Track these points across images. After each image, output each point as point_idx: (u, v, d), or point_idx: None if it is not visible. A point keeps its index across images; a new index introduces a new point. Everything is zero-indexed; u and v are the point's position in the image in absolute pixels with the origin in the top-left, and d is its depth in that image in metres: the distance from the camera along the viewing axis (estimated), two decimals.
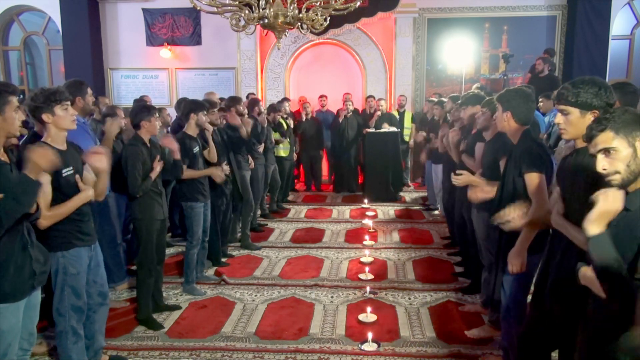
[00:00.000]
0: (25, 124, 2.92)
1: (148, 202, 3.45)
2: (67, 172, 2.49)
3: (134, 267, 4.60)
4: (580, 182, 1.97)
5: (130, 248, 4.45)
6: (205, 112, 4.15)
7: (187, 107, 4.10)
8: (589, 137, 1.63)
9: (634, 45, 8.86)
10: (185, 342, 3.33)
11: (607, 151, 1.57)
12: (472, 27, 8.78)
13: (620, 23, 8.73)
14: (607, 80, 8.12)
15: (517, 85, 5.13)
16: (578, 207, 1.94)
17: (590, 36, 8.32)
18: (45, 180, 2.32)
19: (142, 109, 3.52)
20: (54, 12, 8.97)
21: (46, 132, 2.50)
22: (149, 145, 3.48)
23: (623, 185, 1.57)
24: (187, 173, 3.96)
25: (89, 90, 3.66)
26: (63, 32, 8.91)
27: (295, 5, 4.24)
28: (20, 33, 9.66)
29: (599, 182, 1.70)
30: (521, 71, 8.55)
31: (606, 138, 1.57)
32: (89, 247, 2.68)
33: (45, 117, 2.45)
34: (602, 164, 1.59)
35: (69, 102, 2.53)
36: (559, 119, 2.05)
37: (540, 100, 5.81)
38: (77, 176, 2.56)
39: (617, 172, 1.56)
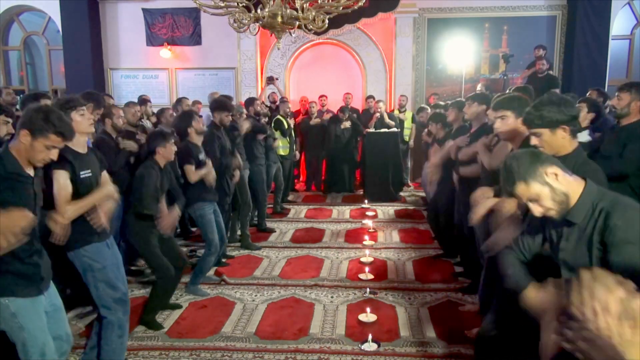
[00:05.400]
0: None
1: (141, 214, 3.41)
2: (85, 174, 2.57)
3: (134, 268, 4.63)
4: None
5: (130, 249, 4.45)
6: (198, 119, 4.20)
7: (182, 122, 4.11)
8: (510, 194, 1.75)
9: (634, 45, 8.86)
10: (185, 342, 3.33)
11: (531, 200, 1.70)
12: (472, 27, 8.79)
13: (620, 23, 8.74)
14: (607, 80, 8.14)
15: (517, 85, 5.14)
16: None
17: (590, 36, 8.33)
18: (64, 176, 2.44)
19: (157, 136, 3.53)
20: (54, 12, 8.98)
21: None
22: (162, 168, 3.50)
23: (563, 214, 1.69)
24: (195, 174, 3.96)
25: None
26: (63, 32, 8.92)
27: (307, 4, 4.24)
28: (20, 33, 9.67)
29: None
30: (521, 71, 8.55)
31: (522, 190, 1.69)
32: (106, 244, 2.72)
33: None
34: (536, 211, 1.71)
35: (84, 108, 2.64)
36: (534, 141, 2.15)
37: None
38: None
39: (550, 209, 1.68)
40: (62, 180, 2.47)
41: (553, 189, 1.65)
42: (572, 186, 1.68)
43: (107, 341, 2.72)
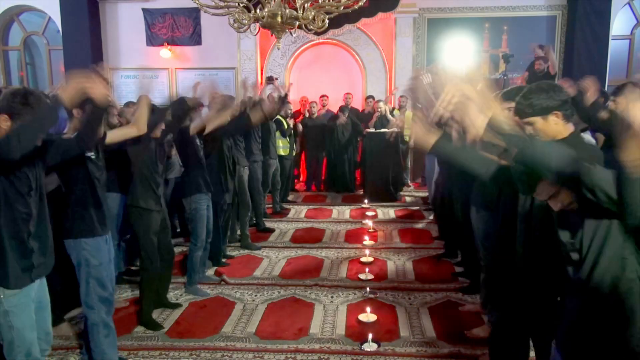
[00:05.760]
0: None
1: (143, 190, 3.42)
2: (90, 154, 2.62)
3: (134, 268, 4.63)
4: None
5: (130, 248, 4.45)
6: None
7: (179, 107, 4.07)
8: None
9: (634, 45, 8.86)
10: (185, 342, 3.33)
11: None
12: (472, 27, 8.79)
13: (620, 23, 8.73)
14: (607, 80, 8.14)
15: (517, 86, 5.13)
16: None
17: (590, 36, 8.32)
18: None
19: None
20: (54, 12, 8.97)
21: (70, 124, 2.62)
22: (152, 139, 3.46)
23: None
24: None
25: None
26: (63, 32, 8.91)
27: (308, 4, 4.24)
28: (20, 33, 9.67)
29: None
30: (521, 71, 8.54)
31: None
32: (105, 239, 2.73)
33: (75, 111, 2.59)
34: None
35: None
36: (529, 129, 2.14)
37: None
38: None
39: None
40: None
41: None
42: None
43: (96, 343, 2.73)
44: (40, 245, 2.23)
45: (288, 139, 7.14)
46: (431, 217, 6.53)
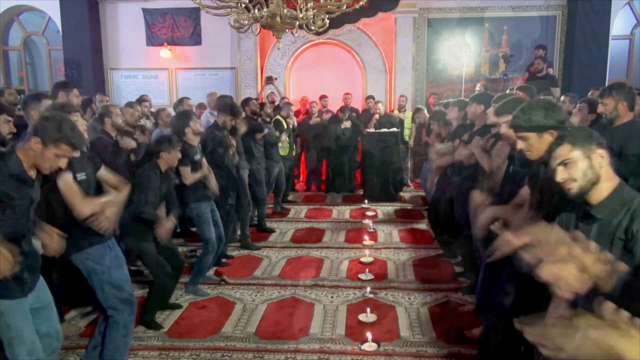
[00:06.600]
0: None
1: (141, 229, 3.42)
2: (80, 176, 2.58)
3: (134, 268, 4.62)
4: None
5: (129, 249, 4.44)
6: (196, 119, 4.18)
7: (180, 122, 4.07)
8: (550, 151, 1.75)
9: (634, 45, 8.87)
10: (185, 342, 3.33)
11: (565, 163, 1.68)
12: (472, 27, 8.79)
13: (620, 23, 8.74)
14: (607, 80, 8.14)
15: (518, 85, 5.14)
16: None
17: (590, 36, 8.32)
18: (71, 177, 2.48)
19: (163, 140, 3.50)
20: (54, 12, 8.99)
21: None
22: (162, 173, 3.48)
23: (580, 194, 1.68)
24: (190, 177, 3.92)
25: (75, 90, 3.67)
26: (63, 32, 8.93)
27: (310, 3, 4.24)
28: (20, 33, 9.68)
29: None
30: (521, 71, 8.56)
31: (564, 151, 1.68)
32: (106, 245, 2.73)
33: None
34: (560, 175, 1.69)
35: (78, 113, 2.66)
36: (520, 144, 2.14)
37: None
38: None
39: (574, 180, 1.67)
40: (69, 181, 2.50)
41: (591, 166, 1.66)
42: (607, 177, 1.68)
43: (111, 339, 2.73)
44: (28, 261, 2.21)
45: (288, 139, 7.13)
46: None
